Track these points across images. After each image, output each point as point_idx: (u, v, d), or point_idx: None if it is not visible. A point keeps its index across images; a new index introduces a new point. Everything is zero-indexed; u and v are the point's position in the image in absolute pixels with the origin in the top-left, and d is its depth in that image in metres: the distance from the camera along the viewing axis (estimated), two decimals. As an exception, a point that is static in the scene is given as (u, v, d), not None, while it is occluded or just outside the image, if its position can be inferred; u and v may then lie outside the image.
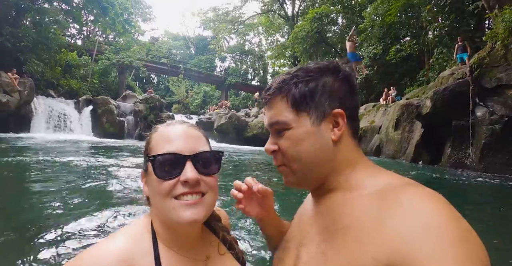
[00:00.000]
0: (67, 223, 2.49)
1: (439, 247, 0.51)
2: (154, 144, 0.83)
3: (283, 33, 37.81)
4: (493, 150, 8.20)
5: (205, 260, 0.87)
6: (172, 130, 0.83)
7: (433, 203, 0.59)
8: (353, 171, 0.79)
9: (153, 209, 0.83)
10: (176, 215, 0.75)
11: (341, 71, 0.82)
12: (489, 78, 8.68)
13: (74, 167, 5.62)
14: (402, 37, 19.66)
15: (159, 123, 0.92)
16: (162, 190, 0.76)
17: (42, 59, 18.47)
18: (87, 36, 31.59)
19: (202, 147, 0.83)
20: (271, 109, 0.84)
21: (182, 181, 0.76)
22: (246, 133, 24.40)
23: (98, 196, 3.51)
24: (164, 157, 0.78)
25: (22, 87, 14.94)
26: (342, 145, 0.80)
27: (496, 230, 3.36)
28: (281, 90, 0.82)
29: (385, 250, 0.56)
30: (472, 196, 5.83)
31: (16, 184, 3.98)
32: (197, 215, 0.76)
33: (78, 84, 21.84)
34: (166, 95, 47.97)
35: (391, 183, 0.70)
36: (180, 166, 0.77)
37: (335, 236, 0.69)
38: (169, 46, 51.91)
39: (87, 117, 18.96)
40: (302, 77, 0.81)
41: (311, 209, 0.88)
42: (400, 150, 11.83)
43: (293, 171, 0.81)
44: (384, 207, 0.63)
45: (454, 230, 0.54)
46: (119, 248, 0.75)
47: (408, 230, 0.55)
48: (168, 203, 0.76)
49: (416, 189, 0.65)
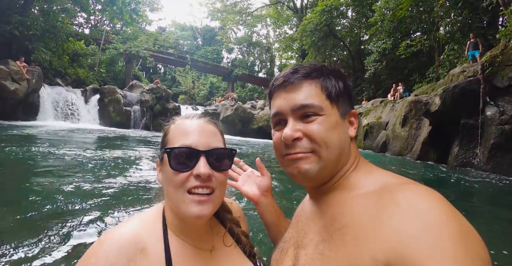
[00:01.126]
0: (78, 213, 2.52)
1: (438, 246, 0.51)
2: (171, 135, 0.87)
3: (291, 26, 37.39)
4: (502, 150, 8.09)
5: (211, 250, 0.90)
6: (189, 124, 0.87)
7: (431, 201, 0.59)
8: (354, 170, 0.81)
9: (166, 197, 0.87)
10: (185, 208, 0.79)
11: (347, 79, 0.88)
12: (501, 77, 8.51)
13: (81, 157, 5.67)
14: (413, 32, 19.33)
15: (167, 114, 0.96)
16: (176, 182, 0.80)
17: (50, 48, 18.53)
18: (95, 26, 31.54)
19: (216, 143, 0.87)
20: (299, 92, 0.81)
21: (195, 174, 0.80)
22: (252, 125, 24.42)
23: (106, 187, 3.54)
24: (180, 150, 0.82)
25: (30, 76, 15.03)
26: (353, 143, 0.85)
27: (503, 234, 3.34)
28: (314, 77, 0.82)
29: (385, 249, 0.56)
30: (479, 196, 5.79)
31: (23, 174, 4.03)
32: (204, 212, 0.80)
33: (86, 73, 21.90)
34: (173, 85, 48.01)
35: (388, 182, 0.71)
36: (194, 160, 0.81)
37: (334, 236, 0.69)
38: (176, 36, 51.79)
39: (94, 106, 19.07)
40: (332, 72, 0.85)
41: (308, 209, 0.89)
42: (407, 147, 11.74)
43: (320, 158, 0.78)
44: (382, 206, 0.63)
45: (453, 228, 0.53)
46: (131, 232, 0.81)
47: (407, 229, 0.55)
48: (180, 195, 0.80)
49: (414, 187, 0.65)
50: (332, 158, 0.78)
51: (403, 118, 12.10)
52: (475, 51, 11.63)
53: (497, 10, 11.40)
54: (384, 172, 0.78)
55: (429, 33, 17.15)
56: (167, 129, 0.91)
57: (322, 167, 0.78)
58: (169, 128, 0.90)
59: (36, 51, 17.09)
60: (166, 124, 0.94)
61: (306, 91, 0.80)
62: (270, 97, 0.90)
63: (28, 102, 15.39)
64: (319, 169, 0.78)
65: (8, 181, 3.72)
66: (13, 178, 3.89)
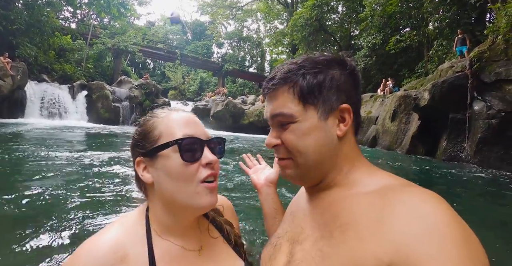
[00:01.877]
0: (66, 215, 2.47)
1: (442, 248, 0.52)
2: (162, 129, 0.83)
3: (282, 20, 37.25)
4: (489, 144, 8.27)
5: (199, 250, 0.88)
6: (182, 116, 0.86)
7: (435, 204, 0.59)
8: (352, 168, 0.79)
9: (158, 194, 0.83)
10: (199, 199, 0.79)
11: (348, 64, 0.80)
12: (488, 72, 8.66)
13: (68, 156, 5.57)
14: (402, 28, 19.46)
15: (154, 109, 0.94)
16: (188, 174, 0.79)
17: (35, 43, 18.04)
18: (81, 20, 30.80)
19: (208, 133, 0.88)
20: (274, 100, 0.79)
21: (204, 163, 0.81)
22: (243, 120, 24.37)
23: (96, 186, 3.48)
24: (189, 140, 0.81)
25: (14, 72, 14.63)
26: (345, 141, 0.79)
27: (491, 225, 3.42)
28: (287, 81, 0.78)
29: (389, 250, 0.56)
30: (466, 189, 5.90)
31: (8, 176, 3.93)
32: (214, 201, 0.83)
33: (72, 69, 21.44)
34: (162, 81, 47.49)
35: (389, 182, 0.71)
36: (200, 149, 0.82)
37: (334, 233, 0.68)
38: (165, 31, 51.09)
39: (81, 103, 18.71)
40: (310, 69, 0.77)
41: (305, 205, 0.87)
42: (396, 141, 11.90)
43: (297, 165, 0.78)
44: (385, 206, 0.63)
45: (457, 232, 0.54)
46: (110, 240, 0.77)
47: (412, 231, 0.55)
48: (193, 187, 0.79)
49: (416, 189, 0.65)
50: (309, 163, 0.77)
51: (393, 113, 12.24)
52: (463, 47, 11.78)
53: (485, 6, 11.56)
54: (386, 173, 0.77)
55: (419, 29, 17.30)
56: (150, 123, 0.85)
57: (302, 173, 0.79)
58: (154, 123, 0.85)
59: (21, 47, 16.64)
60: (143, 119, 0.89)
61: (279, 99, 0.78)
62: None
63: (13, 99, 15.00)
64: (299, 174, 0.80)
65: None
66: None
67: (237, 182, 4.53)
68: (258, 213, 1.89)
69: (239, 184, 4.37)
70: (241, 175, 4.86)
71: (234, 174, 5.05)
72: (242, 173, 4.89)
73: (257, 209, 3.01)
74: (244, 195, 3.80)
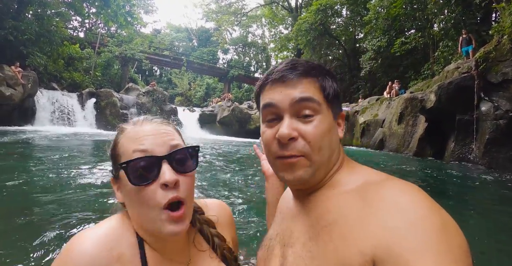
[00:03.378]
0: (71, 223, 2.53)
1: (422, 239, 0.53)
2: (122, 147, 0.77)
3: (286, 25, 37.43)
4: (497, 145, 8.16)
5: (188, 263, 0.84)
6: (141, 130, 0.77)
7: (413, 196, 0.61)
8: (339, 169, 0.81)
9: (132, 215, 0.78)
10: (160, 227, 0.72)
11: None
12: (494, 72, 8.58)
13: (78, 163, 5.66)
14: (407, 30, 19.40)
15: (164, 116, 0.86)
16: (144, 199, 0.71)
17: (45, 52, 18.43)
18: (90, 29, 31.41)
19: (175, 144, 0.78)
20: (297, 88, 0.76)
21: (161, 184, 0.71)
22: (249, 125, 24.41)
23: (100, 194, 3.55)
24: (137, 162, 0.72)
25: (25, 81, 14.96)
26: (340, 144, 0.84)
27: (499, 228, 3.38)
28: (312, 75, 0.79)
29: (371, 244, 0.58)
30: (474, 191, 5.83)
31: (19, 185, 4.02)
32: (179, 230, 0.74)
33: (81, 77, 21.83)
34: (169, 87, 47.91)
35: (370, 178, 0.72)
36: (156, 168, 0.72)
37: (321, 233, 0.70)
38: (171, 38, 51.72)
39: (90, 110, 19.01)
40: (328, 73, 0.82)
41: (293, 207, 0.88)
42: (403, 144, 11.80)
43: (311, 164, 0.75)
44: (366, 202, 0.65)
45: (435, 222, 0.55)
46: (105, 235, 0.72)
47: (391, 224, 0.57)
48: (154, 213, 0.72)
49: (395, 183, 0.67)
50: (323, 161, 0.76)
51: (399, 115, 12.16)
52: (469, 47, 11.61)
53: (490, 6, 11.47)
54: (366, 168, 0.79)
55: (423, 31, 17.22)
56: (116, 140, 0.79)
57: (314, 171, 0.76)
58: (118, 139, 0.79)
59: (31, 56, 17.01)
60: (113, 134, 0.84)
61: (306, 87, 0.77)
62: (261, 89, 0.84)
63: (24, 107, 15.32)
64: (311, 173, 0.76)
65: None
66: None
67: (240, 186, 4.56)
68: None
69: (243, 190, 4.40)
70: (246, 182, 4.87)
71: (242, 180, 5.08)
72: (247, 181, 4.91)
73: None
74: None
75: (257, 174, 5.70)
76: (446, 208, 0.59)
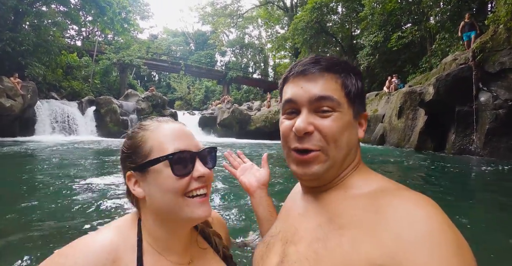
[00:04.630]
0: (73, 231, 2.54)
1: (435, 254, 0.52)
2: (154, 142, 0.81)
3: (282, 25, 37.50)
4: (498, 134, 8.12)
5: (188, 264, 0.87)
6: (171, 128, 0.84)
7: (428, 209, 0.60)
8: (355, 171, 0.80)
9: (150, 208, 0.82)
10: (191, 212, 0.79)
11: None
12: (492, 62, 8.55)
13: (81, 172, 5.68)
14: (403, 24, 19.36)
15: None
16: (178, 188, 0.78)
17: (43, 62, 18.53)
18: (87, 37, 31.59)
19: (200, 144, 0.87)
20: (318, 83, 0.77)
21: (196, 176, 0.80)
22: (250, 127, 24.39)
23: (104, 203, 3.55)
24: (181, 155, 0.80)
25: (25, 91, 15.03)
26: (358, 145, 0.83)
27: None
28: (334, 71, 0.78)
29: (381, 253, 0.57)
30: (477, 182, 5.80)
31: (21, 197, 4.04)
32: (208, 212, 0.82)
33: (80, 85, 21.94)
34: (168, 92, 48.06)
35: (384, 185, 0.72)
36: (191, 162, 0.81)
37: (330, 235, 0.69)
38: (168, 43, 51.91)
39: (90, 118, 19.03)
40: (352, 70, 0.81)
41: (302, 205, 0.86)
42: (404, 138, 11.78)
43: (327, 159, 0.75)
44: (379, 210, 0.63)
45: (450, 238, 0.54)
46: (105, 240, 0.77)
47: (405, 236, 0.56)
48: (180, 201, 0.79)
49: (410, 194, 0.66)
50: (339, 157, 0.76)
51: (399, 109, 12.14)
52: (472, 32, 11.06)
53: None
54: (380, 176, 0.78)
55: (420, 24, 17.20)
56: (140, 137, 0.83)
57: (329, 167, 0.76)
58: (144, 136, 0.83)
59: (30, 66, 17.11)
60: (133, 131, 0.87)
61: (327, 84, 0.76)
62: (284, 82, 0.84)
63: (24, 118, 15.37)
64: (326, 169, 0.76)
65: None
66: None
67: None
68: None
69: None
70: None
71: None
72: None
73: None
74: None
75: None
76: (449, 201, 0.59)
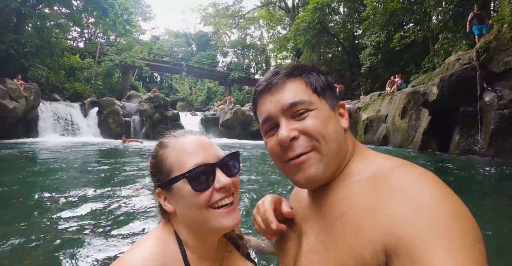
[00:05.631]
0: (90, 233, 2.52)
1: (432, 227, 0.52)
2: (173, 160, 0.83)
3: (284, 25, 37.50)
4: (503, 135, 8.06)
5: (220, 262, 0.93)
6: (189, 142, 0.85)
7: (424, 182, 0.61)
8: (351, 159, 0.80)
9: (181, 221, 0.86)
10: (218, 223, 0.80)
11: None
12: (496, 62, 8.48)
13: (86, 174, 5.68)
14: (406, 24, 19.35)
15: (167, 122, 0.94)
16: (201, 202, 0.79)
17: (46, 64, 18.59)
18: (89, 39, 31.72)
19: (221, 152, 0.87)
20: (284, 92, 0.79)
21: (217, 188, 0.80)
22: (252, 127, 24.36)
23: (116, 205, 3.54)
24: (197, 170, 0.80)
25: (28, 93, 15.08)
26: (347, 133, 0.83)
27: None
28: (295, 75, 0.81)
29: (381, 233, 0.57)
30: (482, 183, 5.75)
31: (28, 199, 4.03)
32: (237, 219, 0.83)
33: (83, 87, 21.99)
34: (170, 93, 48.15)
35: (382, 166, 0.72)
36: (211, 174, 0.81)
37: (333, 224, 0.70)
38: (170, 44, 52.00)
39: (93, 119, 19.06)
40: (311, 69, 0.83)
41: (307, 198, 0.88)
42: (408, 139, 11.71)
43: (321, 156, 0.75)
44: (377, 191, 0.64)
45: (445, 208, 0.54)
46: (150, 256, 0.78)
47: (401, 213, 0.56)
48: (205, 213, 0.80)
49: (407, 170, 0.66)
50: (333, 151, 0.75)
51: (402, 110, 12.08)
52: (482, 26, 10.59)
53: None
54: (379, 155, 0.78)
55: (422, 24, 17.17)
56: (161, 155, 0.86)
57: (326, 165, 0.75)
58: (165, 153, 0.85)
59: (32, 68, 17.16)
60: (154, 149, 0.90)
61: (292, 89, 0.79)
62: (255, 105, 0.87)
63: (27, 120, 15.42)
64: (324, 168, 0.75)
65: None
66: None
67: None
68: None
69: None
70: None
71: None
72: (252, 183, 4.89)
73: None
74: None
75: (263, 171, 5.69)
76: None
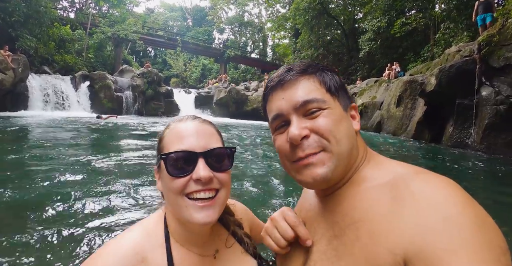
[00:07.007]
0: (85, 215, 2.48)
1: (456, 237, 0.51)
2: (166, 141, 0.84)
3: (284, 4, 36.41)
4: (496, 130, 8.13)
5: (214, 254, 0.90)
6: (184, 127, 0.84)
7: (446, 191, 0.58)
8: (364, 163, 0.78)
9: (167, 204, 0.86)
10: (189, 214, 0.77)
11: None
12: (497, 57, 8.41)
13: (75, 152, 5.57)
14: (408, 10, 18.99)
15: (160, 98, 0.93)
16: (174, 188, 0.77)
17: (35, 34, 17.87)
18: (80, 9, 30.31)
19: (214, 144, 0.84)
20: (297, 88, 0.76)
21: (195, 178, 0.77)
22: (246, 107, 24.31)
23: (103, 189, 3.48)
24: (176, 155, 0.79)
25: (16, 65, 14.55)
26: (358, 136, 0.81)
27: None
28: (309, 72, 0.79)
29: (402, 243, 0.56)
30: (473, 176, 5.86)
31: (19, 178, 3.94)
32: (210, 218, 0.78)
33: (73, 59, 21.31)
34: (164, 69, 47.24)
35: (399, 172, 0.70)
36: (192, 163, 0.78)
37: (347, 231, 0.68)
38: (165, 17, 50.41)
39: (84, 94, 18.61)
40: (325, 68, 0.82)
41: (316, 205, 0.86)
42: (401, 127, 11.81)
43: (331, 156, 0.72)
44: (396, 198, 0.62)
45: (469, 218, 0.53)
46: (131, 242, 0.79)
47: (423, 221, 0.55)
48: (180, 201, 0.78)
49: (427, 177, 0.64)
50: (344, 152, 0.73)
51: (398, 98, 12.09)
52: (487, 14, 9.77)
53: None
54: (395, 162, 0.76)
55: (425, 11, 16.85)
56: (162, 134, 0.88)
57: (336, 165, 0.72)
58: (164, 134, 0.87)
59: (20, 39, 16.51)
60: (161, 131, 0.91)
61: (306, 86, 0.76)
62: (265, 100, 0.84)
63: (16, 92, 14.98)
64: (333, 168, 0.72)
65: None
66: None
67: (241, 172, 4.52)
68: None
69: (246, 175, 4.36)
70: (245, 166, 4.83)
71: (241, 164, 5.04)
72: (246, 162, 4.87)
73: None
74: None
75: (263, 151, 5.67)
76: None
